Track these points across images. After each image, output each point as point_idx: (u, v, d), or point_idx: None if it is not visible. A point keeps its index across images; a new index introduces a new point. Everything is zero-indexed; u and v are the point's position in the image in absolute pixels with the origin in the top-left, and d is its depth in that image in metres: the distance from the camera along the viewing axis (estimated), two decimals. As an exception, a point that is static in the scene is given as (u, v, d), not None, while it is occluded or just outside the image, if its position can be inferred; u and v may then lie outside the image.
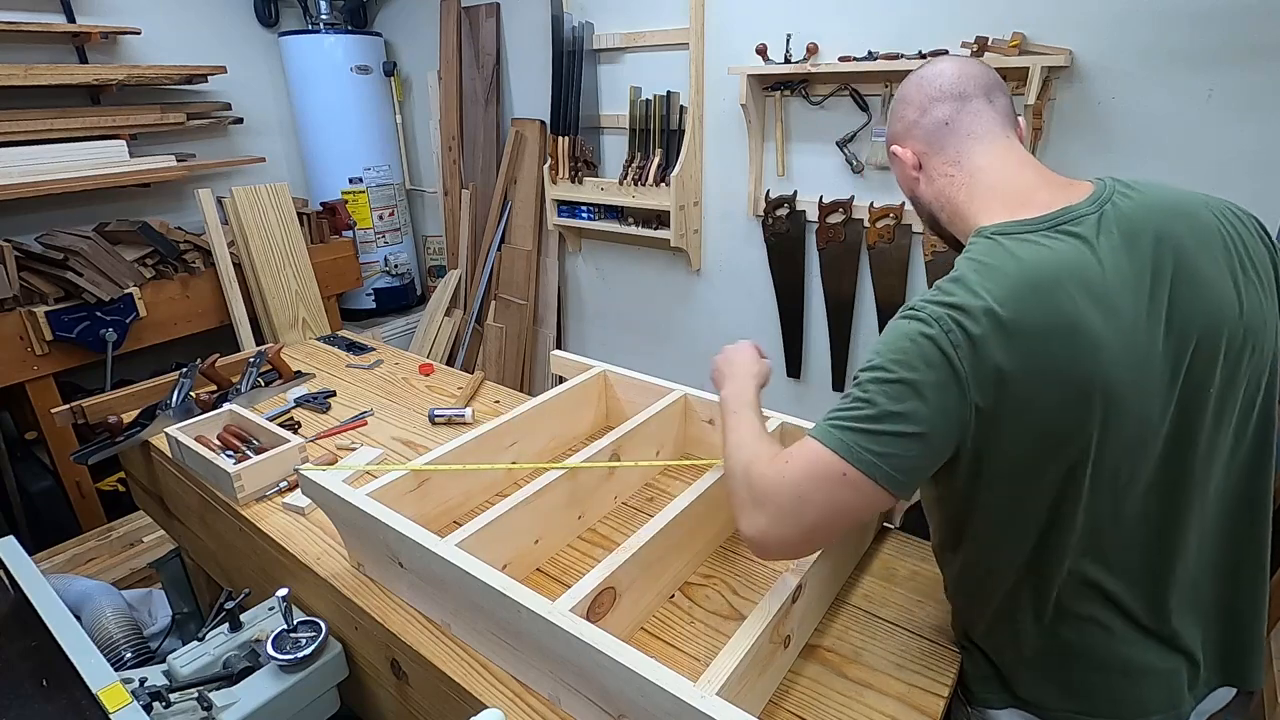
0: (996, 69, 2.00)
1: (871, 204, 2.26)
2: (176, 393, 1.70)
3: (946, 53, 2.00)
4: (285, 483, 1.40)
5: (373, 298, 3.63)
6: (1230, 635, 0.91)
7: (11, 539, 1.27)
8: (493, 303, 3.46)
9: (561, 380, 1.55)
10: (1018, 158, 0.89)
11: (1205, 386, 0.77)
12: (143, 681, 0.99)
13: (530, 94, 3.19)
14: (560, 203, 3.03)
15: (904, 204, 2.25)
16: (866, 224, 2.28)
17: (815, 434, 0.77)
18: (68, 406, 1.78)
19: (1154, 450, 0.78)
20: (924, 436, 0.72)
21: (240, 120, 3.21)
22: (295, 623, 1.11)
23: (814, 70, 2.21)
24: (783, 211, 2.46)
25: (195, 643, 1.11)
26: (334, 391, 1.85)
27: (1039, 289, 0.72)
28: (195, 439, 1.46)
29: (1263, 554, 0.88)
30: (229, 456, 1.43)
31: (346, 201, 3.37)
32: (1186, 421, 0.78)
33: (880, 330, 2.38)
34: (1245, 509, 0.86)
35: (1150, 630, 0.84)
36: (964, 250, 0.82)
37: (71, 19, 2.72)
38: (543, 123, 3.12)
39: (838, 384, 2.58)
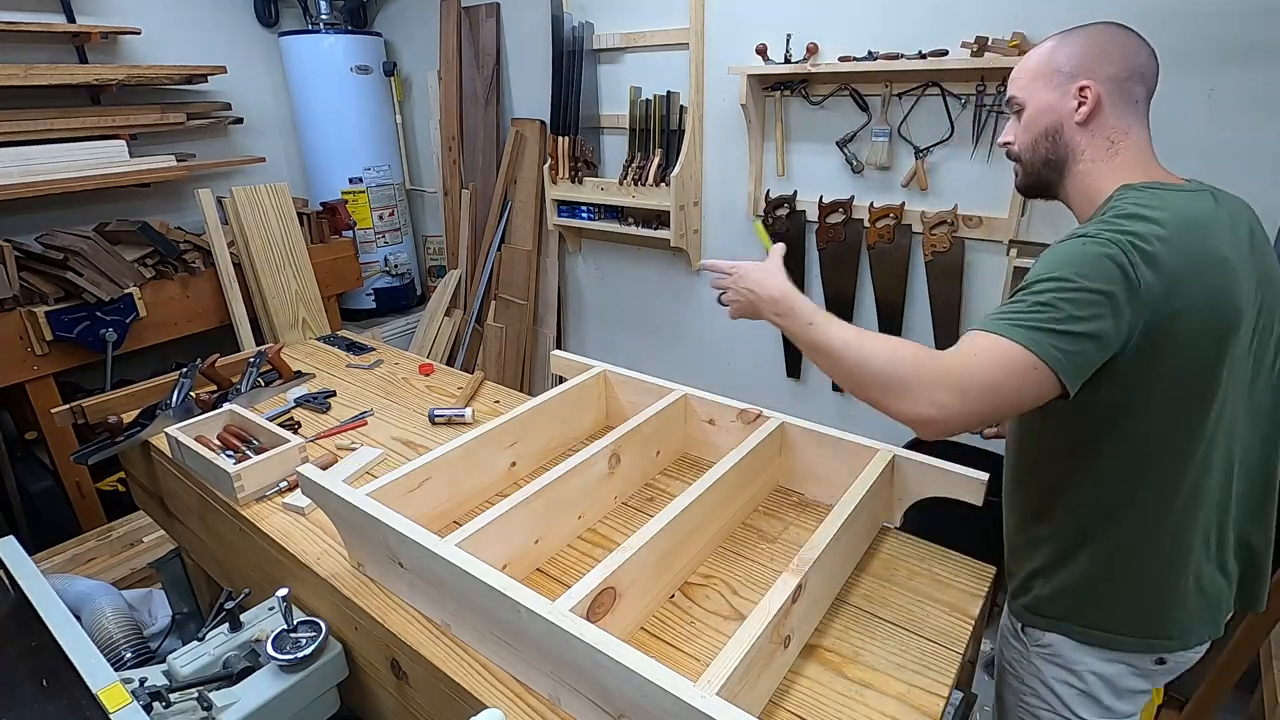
0: (996, 69, 2.01)
1: (871, 204, 2.26)
2: (176, 393, 1.70)
3: (947, 53, 1.99)
4: (285, 483, 1.40)
5: (373, 298, 3.64)
6: (1249, 564, 1.03)
7: (11, 539, 1.27)
8: (493, 303, 3.46)
9: (561, 380, 1.55)
10: (1153, 149, 1.01)
11: (1267, 330, 0.94)
12: (143, 681, 0.99)
13: (530, 94, 3.19)
14: (560, 203, 3.03)
15: (904, 204, 2.25)
16: (866, 224, 2.28)
17: (1001, 331, 0.83)
18: (68, 406, 1.78)
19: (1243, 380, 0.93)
20: (1102, 338, 0.82)
21: (240, 120, 3.21)
22: (295, 623, 1.11)
23: (814, 70, 2.21)
24: (783, 211, 2.46)
25: (195, 643, 1.11)
26: (334, 391, 1.85)
27: (1195, 226, 0.86)
28: (195, 439, 1.46)
29: (1275, 489, 1.01)
30: (229, 456, 1.43)
31: (346, 201, 3.37)
32: (1253, 359, 0.93)
33: (883, 329, 2.38)
34: (1272, 449, 0.99)
35: (1213, 554, 0.97)
36: (1117, 198, 0.92)
37: (71, 19, 2.72)
38: (543, 123, 3.12)
39: (837, 384, 2.58)
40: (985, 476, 1.09)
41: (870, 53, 2.12)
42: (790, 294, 1.03)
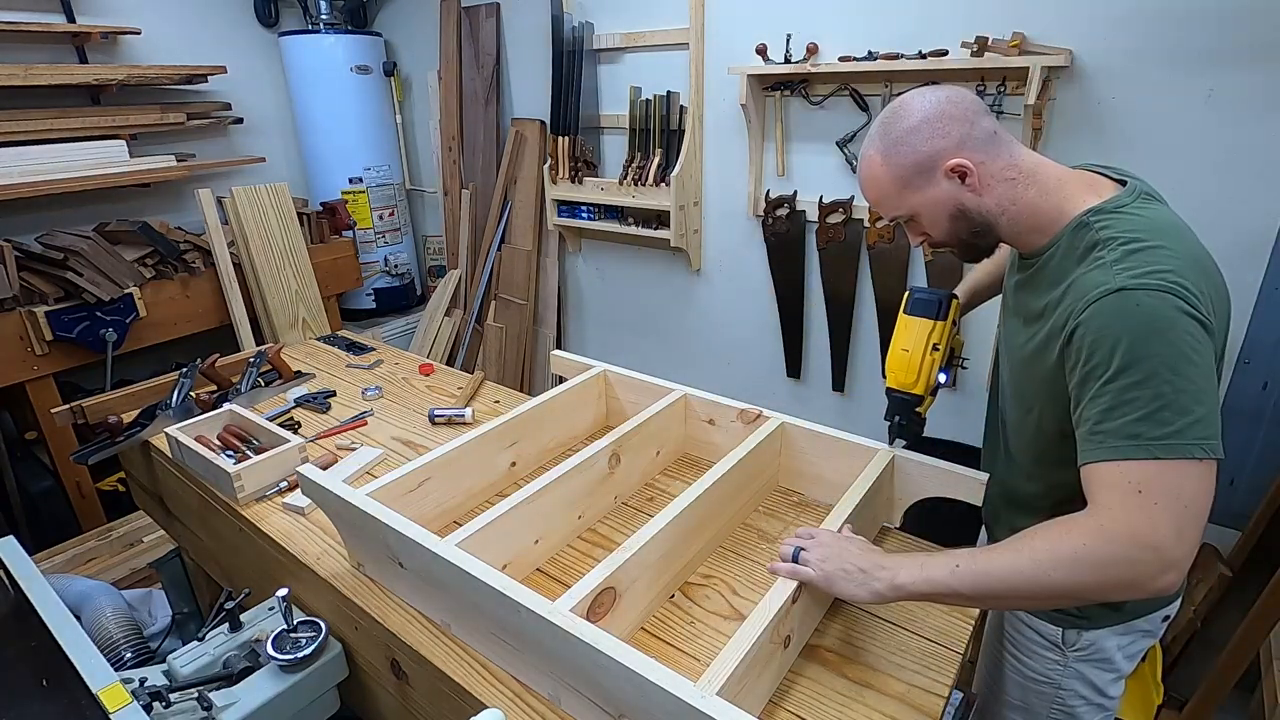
0: (996, 69, 2.01)
1: (871, 204, 2.26)
2: (176, 393, 1.70)
3: (947, 53, 2.00)
4: (285, 483, 1.40)
5: (373, 298, 3.64)
6: None
7: (11, 539, 1.27)
8: (493, 303, 3.46)
9: (561, 380, 1.55)
10: (1033, 151, 0.98)
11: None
12: (143, 681, 0.99)
13: (530, 94, 3.19)
14: (560, 203, 3.03)
15: (904, 204, 2.25)
16: (866, 224, 2.28)
17: (1169, 450, 0.76)
18: (68, 406, 1.78)
19: None
20: (1214, 394, 0.79)
21: (240, 120, 3.21)
22: (295, 623, 1.11)
23: (814, 70, 2.21)
24: (783, 211, 2.46)
25: (195, 643, 1.11)
26: (334, 391, 1.85)
27: (1188, 240, 0.87)
28: (195, 439, 1.46)
29: None
30: (229, 456, 1.43)
31: (346, 201, 3.37)
32: None
33: (882, 329, 2.38)
34: None
35: None
36: (1090, 225, 0.89)
37: (71, 19, 2.72)
38: (543, 123, 3.12)
39: (837, 384, 2.58)
40: (985, 477, 1.09)
41: (870, 53, 2.12)
42: (904, 559, 0.90)
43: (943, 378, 1.17)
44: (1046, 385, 0.94)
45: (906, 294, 1.15)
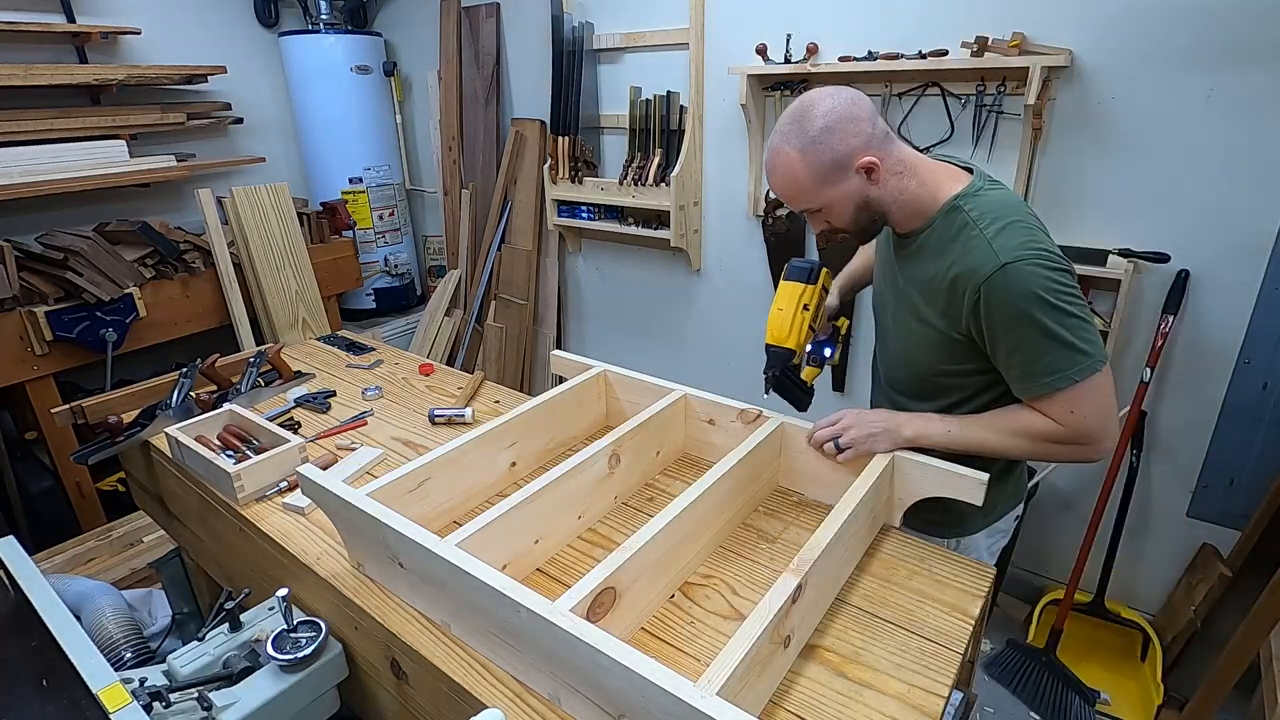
0: (996, 69, 2.01)
1: (871, 204, 2.26)
2: (176, 393, 1.70)
3: (947, 53, 2.00)
4: (285, 483, 1.40)
5: (373, 298, 3.64)
6: None
7: (11, 539, 1.27)
8: (493, 303, 3.46)
9: (561, 380, 1.55)
10: (912, 147, 1.17)
11: None
12: (143, 681, 0.99)
13: (530, 94, 3.19)
14: (560, 203, 3.03)
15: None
16: (866, 224, 2.28)
17: (1080, 374, 1.03)
18: (68, 406, 1.78)
19: None
20: (1090, 317, 1.06)
21: (240, 120, 3.21)
22: (295, 623, 1.11)
23: (814, 70, 2.21)
24: (783, 211, 2.46)
25: (195, 643, 1.11)
26: (334, 391, 1.85)
27: (1027, 210, 1.10)
28: (195, 439, 1.46)
29: None
30: (229, 456, 1.43)
31: (346, 201, 3.37)
32: None
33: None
34: None
35: None
36: (960, 208, 1.09)
37: (71, 19, 2.72)
38: (543, 123, 3.12)
39: (837, 384, 2.58)
40: (985, 477, 1.09)
41: (870, 53, 2.12)
42: (910, 416, 1.19)
43: (828, 352, 1.40)
44: (932, 337, 1.16)
45: (786, 264, 1.29)
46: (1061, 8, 1.87)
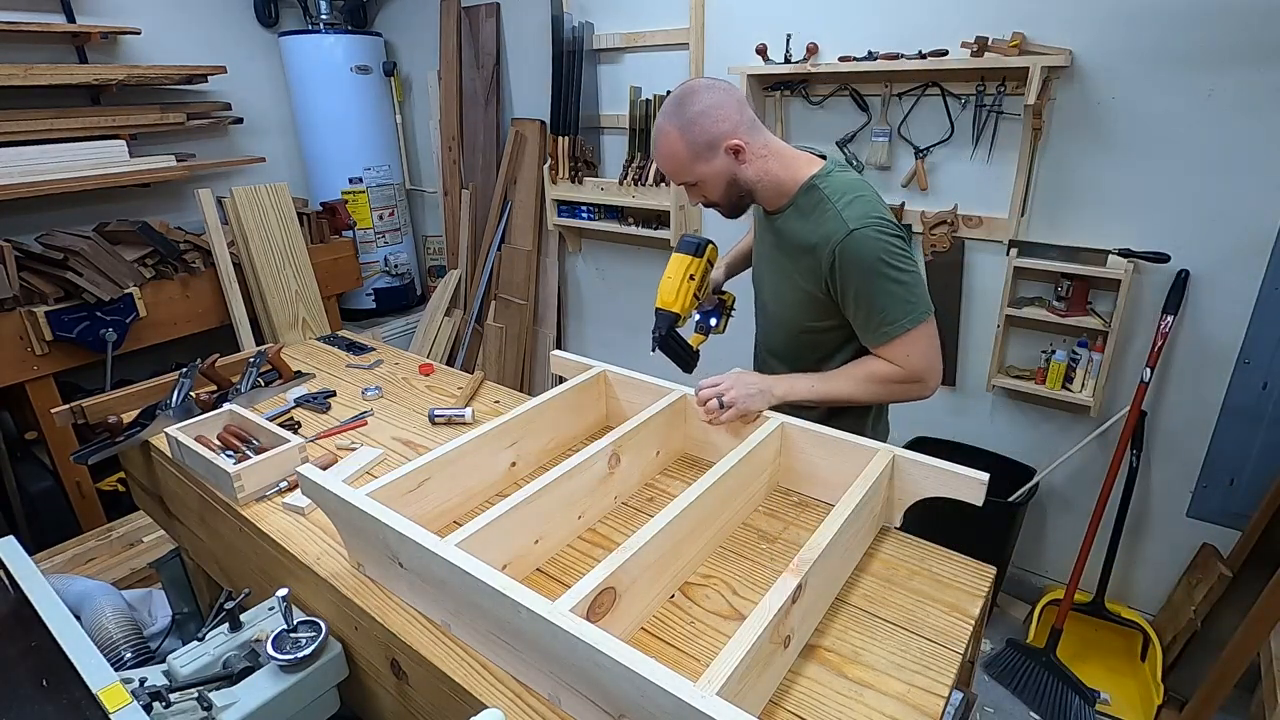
0: (996, 69, 2.01)
1: (871, 204, 2.26)
2: (176, 393, 1.70)
3: (947, 53, 2.00)
4: (285, 483, 1.40)
5: (373, 298, 3.64)
6: None
7: (11, 539, 1.27)
8: (493, 303, 3.46)
9: (561, 380, 1.54)
10: (775, 134, 1.38)
11: None
12: (143, 681, 0.99)
13: (530, 94, 3.19)
14: (560, 203, 3.03)
15: (904, 204, 2.26)
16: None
17: (912, 323, 1.24)
18: (68, 406, 1.77)
19: None
20: (920, 274, 1.29)
21: (240, 120, 3.21)
22: (295, 623, 1.11)
23: (814, 70, 2.21)
24: None
25: (195, 643, 1.11)
26: (334, 391, 1.85)
27: (871, 190, 1.30)
28: (195, 439, 1.46)
29: None
30: (229, 456, 1.43)
31: (346, 201, 3.37)
32: None
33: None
34: None
35: None
36: (816, 187, 1.28)
37: (71, 19, 2.72)
38: (543, 123, 3.12)
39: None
40: (985, 477, 1.09)
41: (870, 53, 2.12)
42: (780, 377, 1.37)
43: (713, 321, 1.61)
44: (800, 297, 1.36)
45: (680, 237, 1.44)
46: (1061, 8, 1.87)
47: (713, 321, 1.61)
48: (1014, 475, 2.22)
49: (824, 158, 1.34)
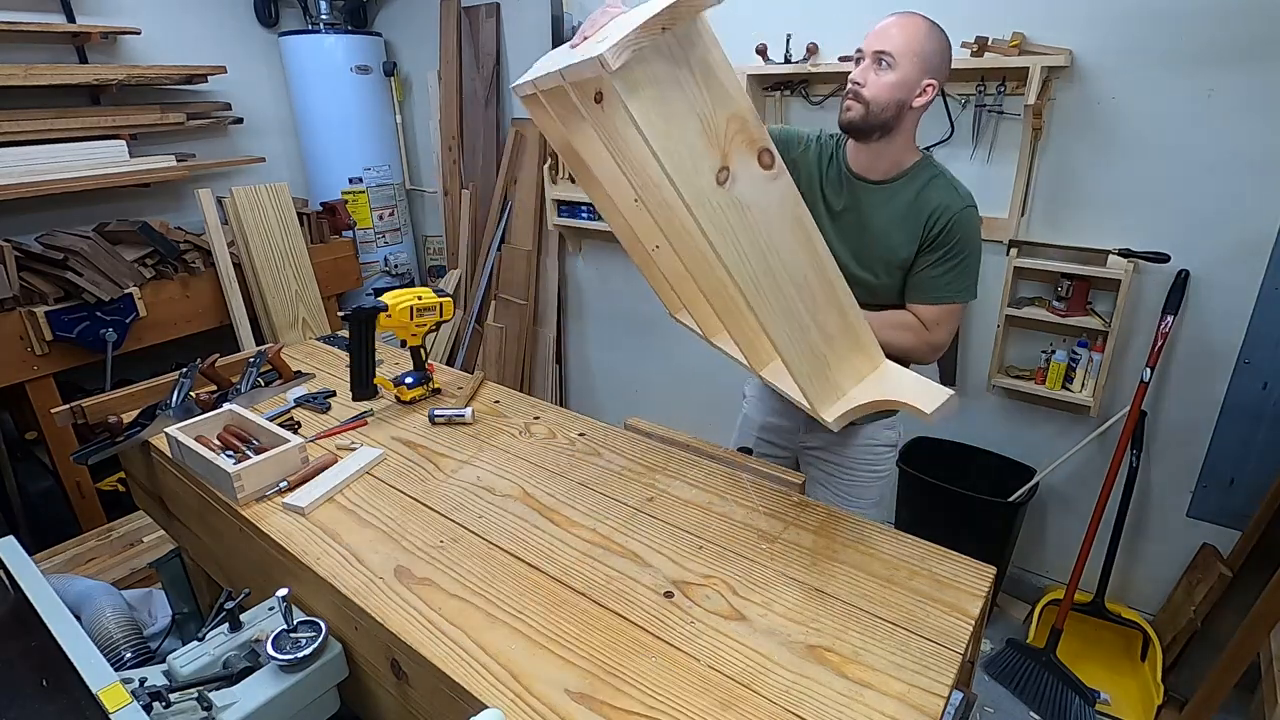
0: (996, 69, 2.01)
1: (871, 204, 2.26)
2: (176, 393, 1.70)
3: (946, 53, 1.99)
4: (285, 483, 1.40)
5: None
6: None
7: (11, 539, 1.27)
8: (493, 303, 3.46)
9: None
10: None
11: None
12: (143, 681, 0.99)
13: (530, 94, 3.18)
14: (560, 203, 3.03)
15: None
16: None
17: (961, 299, 1.38)
18: (68, 406, 1.77)
19: None
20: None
21: (240, 120, 3.21)
22: (295, 623, 1.11)
23: (814, 70, 2.21)
24: None
25: (195, 643, 1.11)
26: (334, 391, 1.85)
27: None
28: (195, 439, 1.46)
29: None
30: (229, 456, 1.43)
31: (346, 201, 3.37)
32: None
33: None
34: None
35: None
36: (937, 169, 1.39)
37: (71, 19, 2.72)
38: (543, 123, 3.11)
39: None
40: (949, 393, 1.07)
41: (870, 53, 2.12)
42: None
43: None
44: (878, 262, 1.42)
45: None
46: (1061, 8, 1.87)
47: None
48: (1014, 475, 2.22)
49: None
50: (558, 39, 2.80)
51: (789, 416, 1.67)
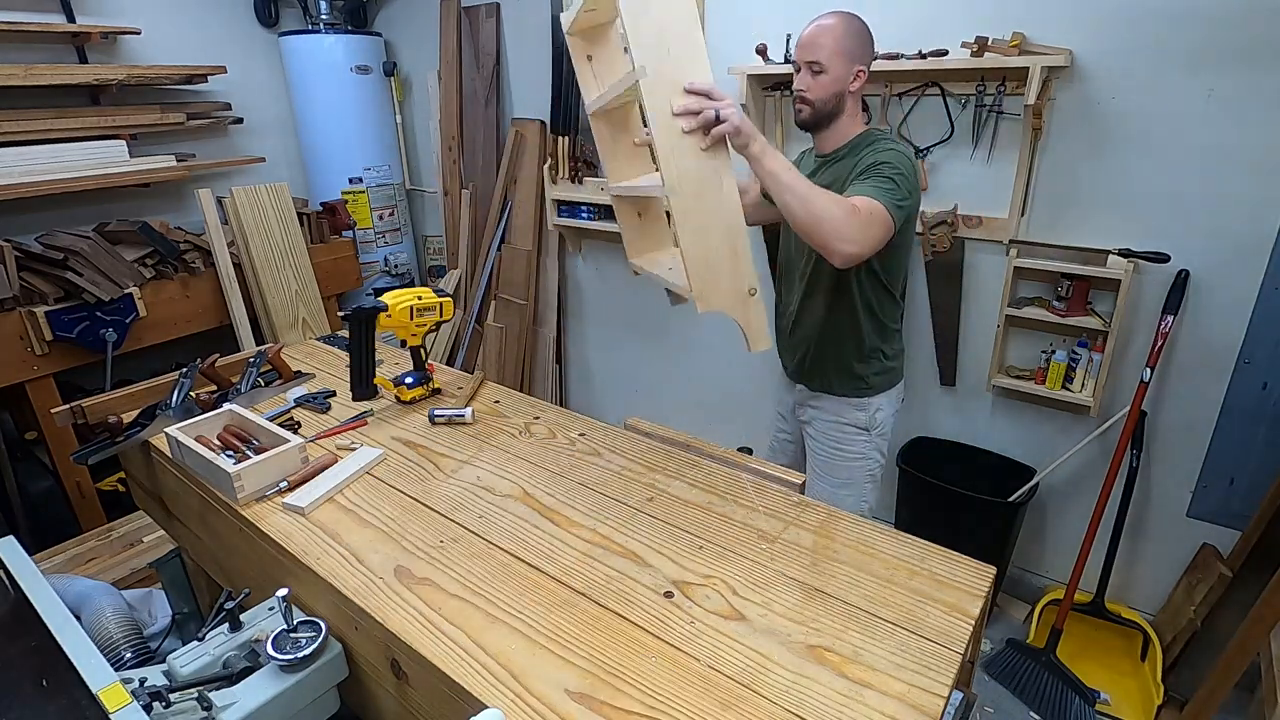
0: (996, 69, 2.01)
1: (871, 204, 2.26)
2: (176, 393, 1.70)
3: (947, 53, 2.00)
4: (285, 483, 1.40)
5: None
6: None
7: (11, 539, 1.27)
8: (493, 303, 3.46)
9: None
10: None
11: None
12: (143, 681, 0.99)
13: (530, 94, 3.19)
14: (560, 203, 3.03)
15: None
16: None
17: (883, 204, 1.45)
18: (68, 406, 1.77)
19: None
20: (907, 209, 1.54)
21: (240, 120, 3.21)
22: (295, 623, 1.11)
23: (814, 70, 2.20)
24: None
25: (195, 643, 1.11)
26: (334, 391, 1.85)
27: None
28: (195, 439, 1.46)
29: None
30: (229, 456, 1.43)
31: (346, 201, 3.37)
32: None
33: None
34: None
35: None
36: (873, 137, 1.63)
37: (71, 19, 2.72)
38: (543, 123, 3.12)
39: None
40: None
41: (870, 53, 2.12)
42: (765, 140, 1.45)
43: None
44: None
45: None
46: (1061, 8, 1.87)
47: None
48: (1014, 475, 2.22)
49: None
50: (558, 39, 2.80)
51: (789, 392, 1.98)
